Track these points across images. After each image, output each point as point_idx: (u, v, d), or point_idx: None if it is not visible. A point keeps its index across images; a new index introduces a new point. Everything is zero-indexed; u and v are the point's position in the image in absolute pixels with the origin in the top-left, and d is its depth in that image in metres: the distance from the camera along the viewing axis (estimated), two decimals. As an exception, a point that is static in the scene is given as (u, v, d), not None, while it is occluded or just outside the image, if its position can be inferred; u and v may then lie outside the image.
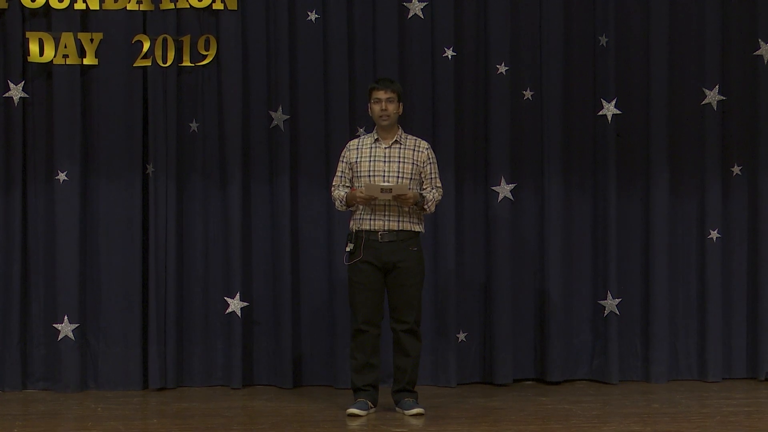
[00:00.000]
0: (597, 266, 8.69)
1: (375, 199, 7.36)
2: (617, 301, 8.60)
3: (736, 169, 8.74)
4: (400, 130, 7.58)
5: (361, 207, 7.47)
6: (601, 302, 8.64)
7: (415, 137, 7.64)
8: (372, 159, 7.50)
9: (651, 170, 8.65)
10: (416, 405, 7.50)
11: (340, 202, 7.54)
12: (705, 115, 8.69)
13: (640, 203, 8.72)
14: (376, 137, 7.56)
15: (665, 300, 8.65)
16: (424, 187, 7.55)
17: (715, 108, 8.67)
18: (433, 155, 7.63)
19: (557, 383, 8.56)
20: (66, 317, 8.29)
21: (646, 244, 8.69)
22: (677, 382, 8.67)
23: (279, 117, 8.46)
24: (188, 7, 8.36)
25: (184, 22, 8.39)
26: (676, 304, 8.74)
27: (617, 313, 8.60)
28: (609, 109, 8.59)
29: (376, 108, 7.50)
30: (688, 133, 8.73)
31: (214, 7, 8.36)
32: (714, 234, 8.67)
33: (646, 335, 8.69)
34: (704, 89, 8.67)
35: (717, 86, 8.65)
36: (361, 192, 7.36)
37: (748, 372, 8.75)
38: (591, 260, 8.72)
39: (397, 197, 7.34)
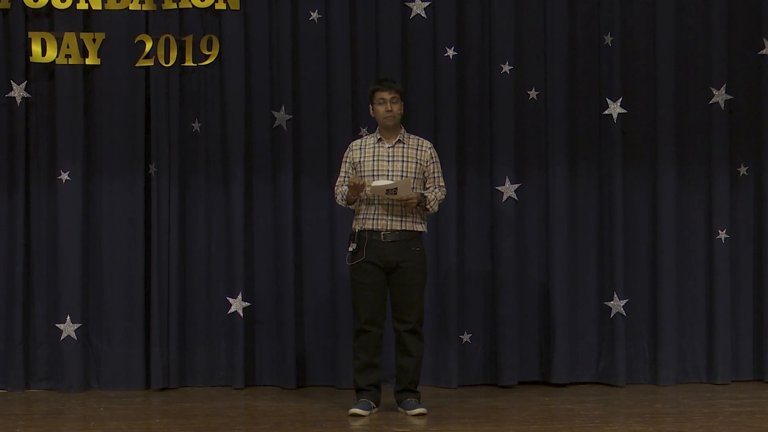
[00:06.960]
0: (603, 267, 8.64)
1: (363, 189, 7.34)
2: (624, 302, 8.55)
3: (743, 170, 8.68)
4: (403, 129, 7.57)
5: (363, 206, 7.46)
6: (608, 303, 8.59)
7: (417, 136, 7.63)
8: (375, 159, 7.48)
9: (657, 170, 8.60)
10: (419, 405, 7.48)
11: (342, 197, 7.51)
12: (712, 115, 8.63)
13: (646, 203, 8.66)
14: (378, 137, 7.54)
15: (672, 301, 8.59)
16: (428, 186, 7.52)
17: (722, 107, 8.61)
18: (436, 154, 7.61)
19: (563, 386, 8.52)
20: (69, 317, 8.29)
21: (653, 245, 8.63)
22: (685, 384, 8.60)
23: (282, 117, 8.45)
24: (191, 6, 8.37)
25: (187, 22, 8.40)
26: (684, 306, 8.67)
27: (624, 314, 8.55)
28: (614, 109, 8.54)
29: (381, 109, 7.48)
30: (695, 133, 8.68)
31: (217, 6, 8.37)
32: (722, 234, 8.60)
33: (654, 337, 8.63)
34: (711, 88, 8.61)
35: (725, 85, 8.60)
36: (356, 185, 7.30)
37: (754, 374, 8.69)
38: (597, 261, 8.66)
39: (400, 200, 7.32)
